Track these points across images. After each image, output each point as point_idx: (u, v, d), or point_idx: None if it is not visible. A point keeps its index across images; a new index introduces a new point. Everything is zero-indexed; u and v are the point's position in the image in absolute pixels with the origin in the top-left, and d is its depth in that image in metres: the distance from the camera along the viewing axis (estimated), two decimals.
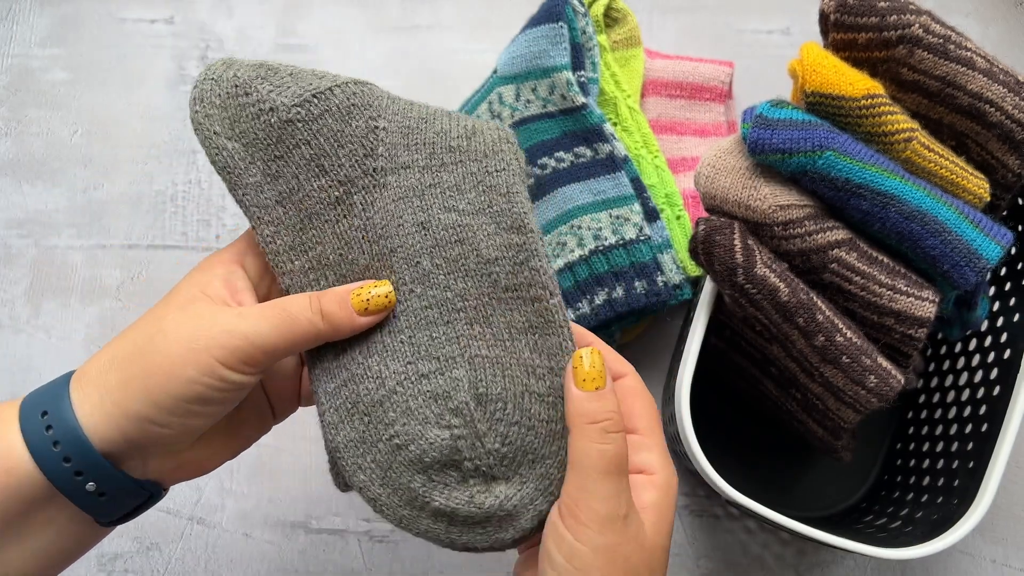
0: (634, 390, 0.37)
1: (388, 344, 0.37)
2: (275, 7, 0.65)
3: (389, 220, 0.37)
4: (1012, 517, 0.57)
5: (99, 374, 0.34)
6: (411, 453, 0.36)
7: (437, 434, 0.36)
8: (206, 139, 0.36)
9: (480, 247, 0.37)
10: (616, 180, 0.55)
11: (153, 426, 0.34)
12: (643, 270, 0.53)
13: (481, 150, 0.38)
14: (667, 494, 0.36)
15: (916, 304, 0.42)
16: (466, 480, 0.36)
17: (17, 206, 0.62)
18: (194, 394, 0.34)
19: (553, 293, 0.37)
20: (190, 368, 0.33)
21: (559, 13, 0.55)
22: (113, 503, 0.35)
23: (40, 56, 0.65)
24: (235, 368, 0.34)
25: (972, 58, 0.42)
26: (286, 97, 0.37)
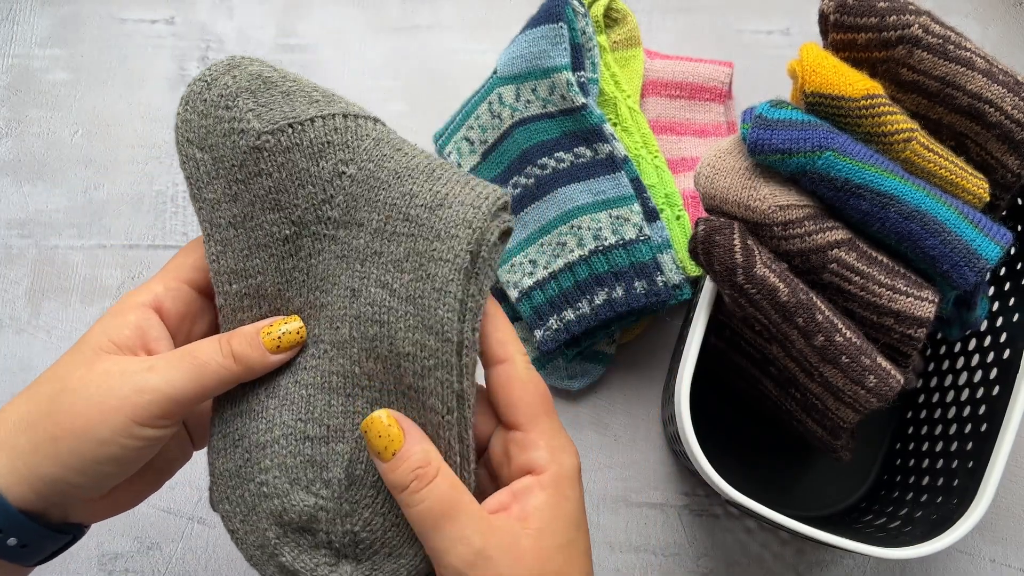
0: (509, 377, 0.35)
1: (290, 394, 0.36)
2: (275, 7, 0.66)
3: (327, 275, 0.36)
4: (1012, 517, 0.57)
5: (8, 436, 0.33)
6: (274, 505, 0.36)
7: (302, 498, 0.36)
8: (179, 143, 0.36)
9: (396, 337, 0.34)
10: (616, 180, 0.55)
11: (67, 486, 0.33)
12: (643, 270, 0.53)
13: (436, 229, 0.34)
14: (557, 489, 0.34)
15: (915, 304, 0.42)
16: (318, 548, 0.36)
17: (18, 206, 0.62)
18: (107, 455, 0.33)
19: (451, 410, 0.34)
20: (102, 429, 0.32)
21: (559, 13, 0.55)
22: (35, 551, 0.35)
23: (41, 56, 0.65)
24: (150, 424, 0.33)
25: (971, 58, 0.42)
26: (260, 122, 0.35)
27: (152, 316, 0.35)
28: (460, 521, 0.33)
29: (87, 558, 0.56)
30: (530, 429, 0.35)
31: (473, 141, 0.59)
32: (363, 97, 0.64)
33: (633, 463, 0.58)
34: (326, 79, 0.64)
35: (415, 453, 0.33)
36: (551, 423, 0.35)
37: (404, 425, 0.34)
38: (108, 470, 0.33)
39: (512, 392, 0.35)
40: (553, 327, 0.55)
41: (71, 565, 0.56)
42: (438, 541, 0.33)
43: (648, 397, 0.59)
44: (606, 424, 0.59)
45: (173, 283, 0.36)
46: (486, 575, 0.32)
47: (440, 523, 0.33)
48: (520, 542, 0.33)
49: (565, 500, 0.34)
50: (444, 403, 0.34)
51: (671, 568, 0.57)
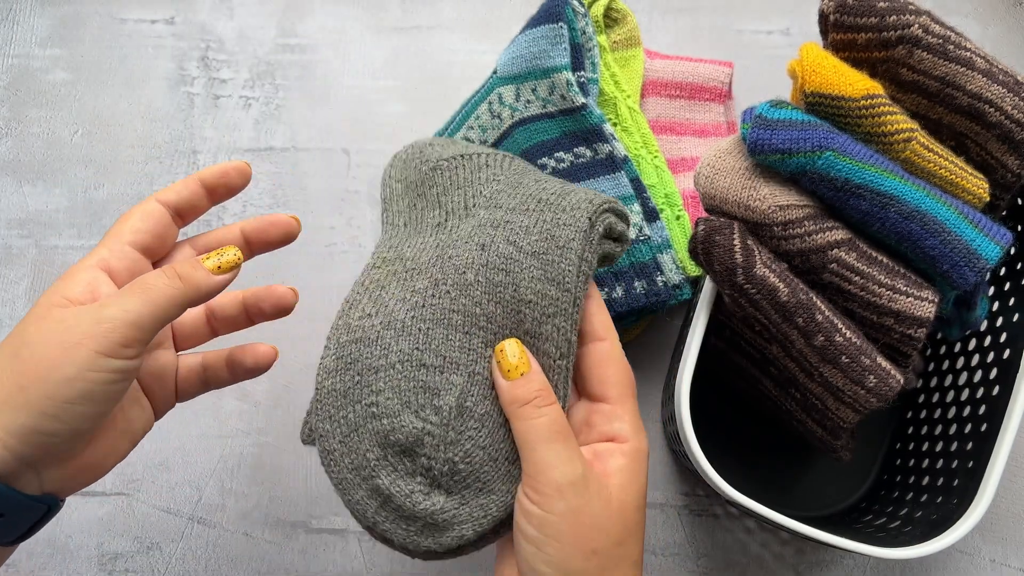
0: (608, 355, 0.39)
1: (407, 326, 0.39)
2: (275, 7, 0.66)
3: (461, 236, 0.41)
4: (1011, 517, 0.57)
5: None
6: (381, 425, 0.38)
7: (411, 420, 0.38)
8: (384, 180, 0.46)
9: (520, 285, 0.39)
10: (616, 180, 0.55)
11: (41, 436, 0.34)
12: (642, 270, 0.53)
13: (563, 206, 0.40)
14: (635, 459, 0.37)
15: (915, 304, 0.42)
16: (414, 475, 0.38)
17: (17, 206, 0.62)
18: (78, 392, 0.33)
19: (563, 355, 0.38)
20: (68, 367, 0.33)
21: (559, 13, 0.55)
22: (10, 522, 0.35)
23: (41, 56, 0.65)
24: (114, 353, 0.34)
25: (971, 58, 0.42)
26: (437, 154, 0.45)
27: (101, 275, 0.37)
28: (572, 444, 0.36)
29: (87, 558, 0.56)
30: (618, 404, 0.38)
31: (473, 141, 0.59)
32: (363, 97, 0.64)
33: None
34: (326, 79, 0.64)
35: (542, 379, 0.37)
36: (635, 405, 0.39)
37: (531, 358, 0.38)
38: (81, 409, 0.34)
39: (608, 368, 0.39)
40: None
41: (71, 565, 0.56)
42: (549, 454, 0.36)
43: (648, 397, 0.59)
44: None
45: (117, 246, 0.38)
46: (581, 500, 0.35)
47: (554, 439, 0.36)
48: (609, 489, 0.36)
49: (640, 472, 0.37)
50: (558, 348, 0.38)
51: (671, 568, 0.57)
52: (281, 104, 0.64)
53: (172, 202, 0.40)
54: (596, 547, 0.35)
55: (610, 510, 0.36)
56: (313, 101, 0.64)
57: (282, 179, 0.63)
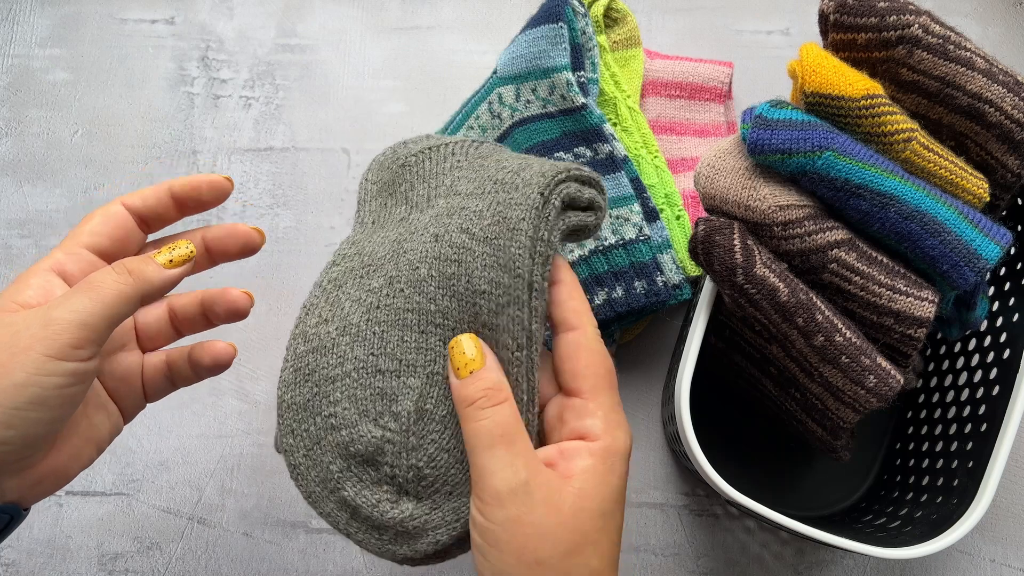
0: (579, 346, 0.36)
1: (362, 330, 0.38)
2: (275, 8, 0.66)
3: (417, 228, 0.39)
4: (1011, 517, 0.57)
5: None
6: (340, 437, 0.37)
7: (370, 430, 0.37)
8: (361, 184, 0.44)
9: (473, 275, 0.36)
10: (616, 180, 0.55)
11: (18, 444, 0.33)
12: (643, 270, 0.53)
13: (515, 182, 0.37)
14: (604, 459, 0.34)
15: (915, 304, 0.42)
16: (380, 484, 0.37)
17: (18, 206, 0.62)
18: (28, 398, 0.32)
19: (521, 347, 0.35)
20: (17, 372, 0.32)
21: (559, 14, 0.55)
22: None
23: (41, 56, 0.65)
24: (64, 356, 0.33)
25: (971, 58, 0.42)
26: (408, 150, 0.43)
27: (54, 278, 0.36)
28: (515, 449, 0.33)
29: (87, 558, 0.56)
30: (590, 398, 0.35)
31: None
32: (363, 97, 0.64)
33: (633, 463, 0.58)
34: (326, 79, 0.64)
35: (491, 377, 0.35)
36: (611, 398, 0.36)
37: (486, 352, 0.35)
38: (33, 415, 0.33)
39: (579, 360, 0.36)
40: None
41: (71, 565, 0.56)
42: (489, 460, 0.33)
43: (648, 397, 0.59)
44: None
45: (73, 248, 0.37)
46: (522, 509, 0.33)
47: (496, 443, 0.34)
48: (561, 494, 0.33)
49: (611, 472, 0.34)
50: (515, 339, 0.35)
51: (671, 568, 0.57)
52: (281, 104, 0.64)
53: (137, 207, 0.39)
54: (540, 557, 0.33)
55: (560, 518, 0.33)
56: (313, 101, 0.64)
57: (282, 179, 0.63)
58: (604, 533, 0.34)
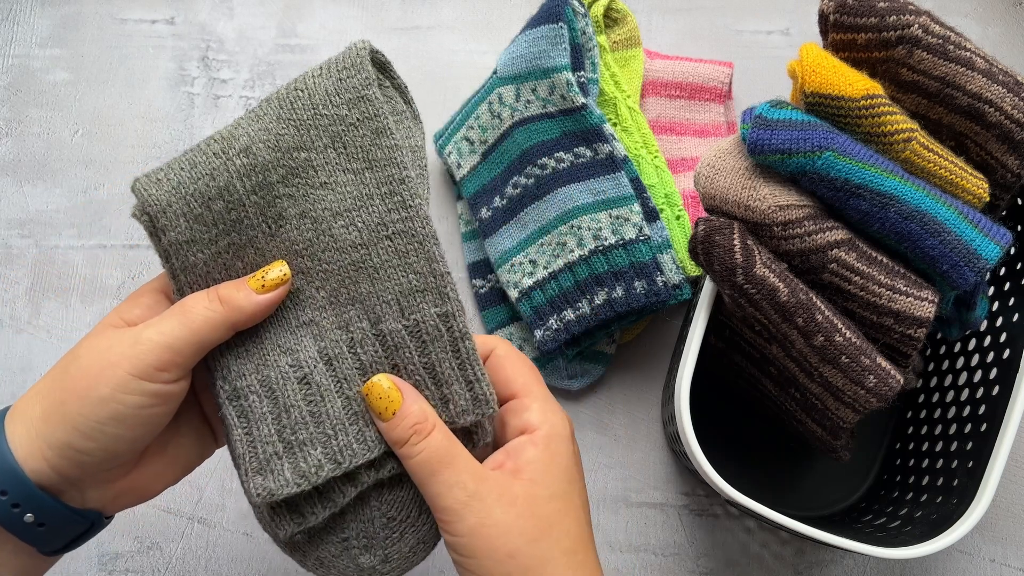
0: (504, 358, 0.39)
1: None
2: (275, 8, 0.66)
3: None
4: (1011, 516, 0.57)
5: (25, 408, 0.34)
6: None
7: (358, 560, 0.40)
8: None
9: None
10: (616, 180, 0.55)
11: (75, 453, 0.33)
12: (643, 270, 0.53)
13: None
14: (547, 445, 0.37)
15: (915, 304, 0.42)
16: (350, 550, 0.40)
17: (18, 206, 0.62)
18: (108, 413, 0.33)
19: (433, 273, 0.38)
20: (103, 386, 0.33)
21: (559, 14, 0.55)
22: (53, 533, 0.35)
23: (41, 56, 0.65)
24: (148, 377, 0.33)
25: (971, 58, 0.42)
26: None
27: (162, 298, 0.37)
28: (456, 467, 0.35)
29: (87, 558, 0.56)
30: (523, 395, 0.38)
31: (473, 141, 0.60)
32: None
33: (633, 463, 0.58)
34: None
35: (413, 412, 0.36)
36: (542, 391, 0.39)
37: (401, 387, 0.37)
38: (112, 431, 0.33)
39: (504, 369, 0.39)
40: (553, 327, 0.55)
41: (71, 565, 0.56)
42: (435, 486, 0.35)
43: (648, 397, 0.59)
44: (606, 424, 0.59)
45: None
46: (480, 515, 0.35)
47: (437, 469, 0.35)
48: (513, 489, 0.35)
49: (556, 455, 0.37)
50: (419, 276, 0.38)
51: (671, 568, 0.57)
52: None
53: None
54: (510, 551, 0.35)
55: (517, 510, 0.35)
56: None
57: None
58: (565, 514, 0.36)
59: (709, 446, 0.44)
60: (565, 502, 0.36)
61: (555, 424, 0.37)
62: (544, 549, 0.35)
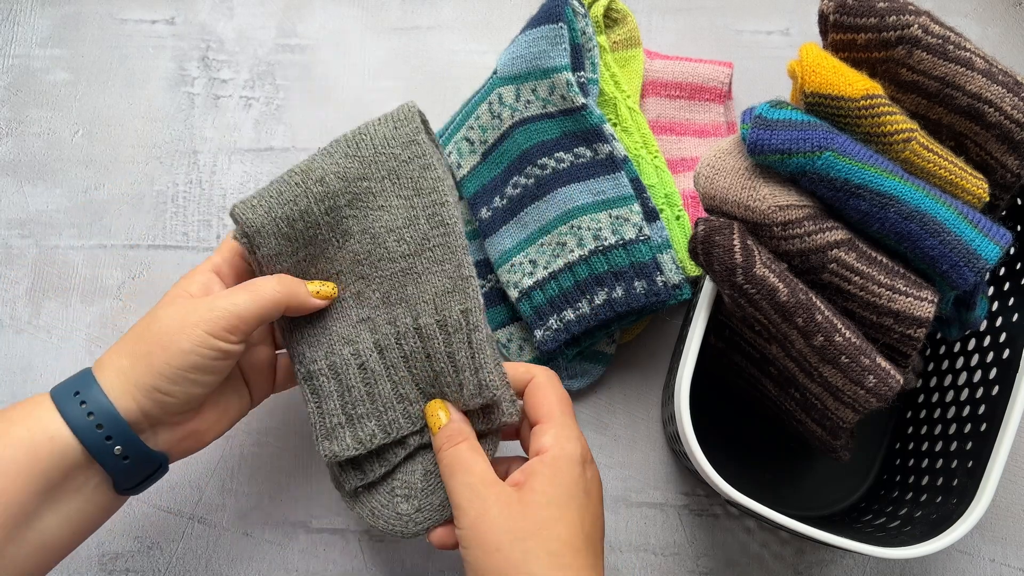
0: (540, 386, 0.46)
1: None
2: (275, 8, 0.66)
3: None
4: (1011, 516, 0.57)
5: (113, 360, 0.42)
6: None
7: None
8: None
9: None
10: (616, 180, 0.55)
11: (160, 395, 0.41)
12: (642, 270, 0.54)
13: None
14: (553, 464, 0.42)
15: (915, 304, 0.42)
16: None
17: (18, 206, 0.62)
18: (190, 363, 0.41)
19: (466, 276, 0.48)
20: (184, 341, 0.41)
21: (559, 14, 0.55)
22: (132, 468, 0.42)
23: (41, 57, 0.65)
24: (220, 336, 0.42)
25: (971, 58, 0.42)
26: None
27: (215, 278, 0.46)
28: (471, 472, 0.43)
29: (87, 557, 0.56)
30: (544, 422, 0.44)
31: (473, 141, 0.60)
32: (363, 97, 0.64)
33: (633, 463, 0.58)
34: (326, 79, 0.64)
35: (450, 429, 0.45)
36: (564, 418, 0.44)
37: (451, 411, 0.46)
38: (192, 376, 0.42)
39: (536, 396, 0.45)
40: (553, 327, 0.55)
41: (71, 565, 0.56)
42: (452, 484, 0.43)
43: (648, 397, 0.59)
44: (606, 424, 0.59)
45: (228, 255, 0.47)
46: (479, 512, 0.41)
47: (456, 471, 0.43)
48: (513, 495, 0.42)
49: (559, 472, 0.42)
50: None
51: (671, 568, 0.57)
52: (281, 104, 0.64)
53: None
54: (497, 545, 0.40)
55: (511, 511, 0.41)
56: (313, 101, 0.64)
57: None
58: (558, 520, 0.41)
59: (709, 446, 0.44)
60: (561, 511, 0.41)
61: (565, 447, 0.43)
62: (527, 549, 0.40)
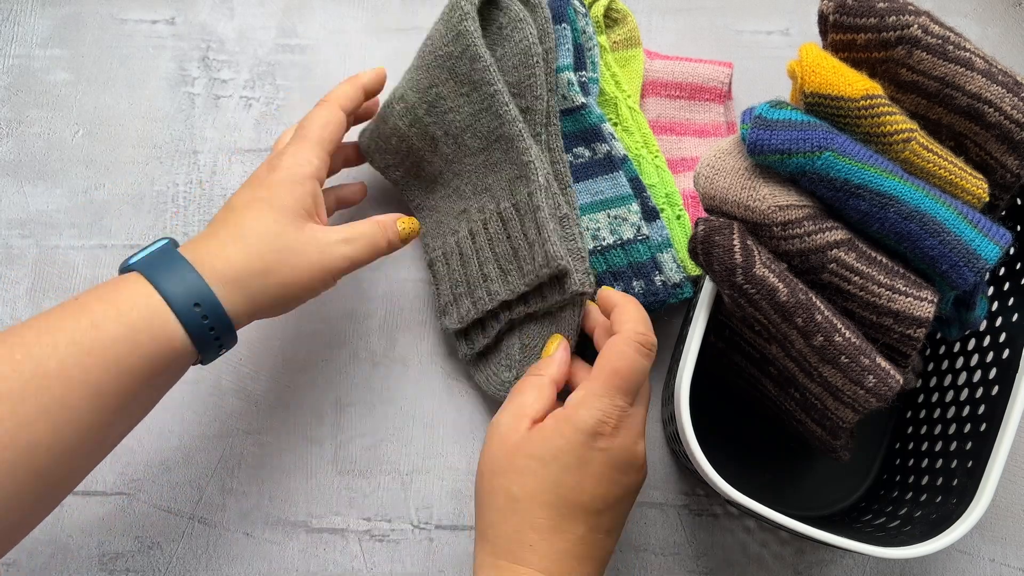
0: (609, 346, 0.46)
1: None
2: (276, 8, 0.66)
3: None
4: (1011, 516, 0.57)
5: (241, 277, 0.44)
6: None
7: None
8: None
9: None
10: (614, 180, 0.55)
11: (263, 312, 0.45)
12: (640, 270, 0.54)
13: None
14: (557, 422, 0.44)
15: (915, 304, 0.42)
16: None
17: (18, 206, 0.62)
18: (306, 298, 0.47)
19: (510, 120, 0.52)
20: (318, 284, 0.47)
21: (561, 14, 0.55)
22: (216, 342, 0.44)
23: (41, 57, 0.65)
24: (334, 279, 0.48)
25: (971, 59, 0.42)
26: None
27: (317, 187, 0.48)
28: (513, 402, 0.46)
29: (87, 557, 0.56)
30: (588, 382, 0.45)
31: None
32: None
33: None
34: (326, 80, 0.64)
35: (543, 362, 0.49)
36: (600, 386, 0.44)
37: (559, 351, 0.50)
38: (296, 305, 0.47)
39: (602, 356, 0.45)
40: None
41: (72, 565, 0.56)
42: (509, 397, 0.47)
43: None
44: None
45: (323, 155, 0.49)
46: (491, 438, 0.45)
47: (515, 393, 0.47)
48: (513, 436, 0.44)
49: (556, 432, 0.44)
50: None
51: (671, 567, 0.57)
52: (282, 104, 0.64)
53: (349, 108, 0.52)
54: (482, 471, 0.45)
55: (503, 449, 0.44)
56: (313, 101, 0.64)
57: None
58: (531, 473, 0.43)
59: (709, 446, 0.44)
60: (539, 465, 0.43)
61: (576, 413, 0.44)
62: (495, 485, 0.44)
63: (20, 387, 0.37)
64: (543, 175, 0.51)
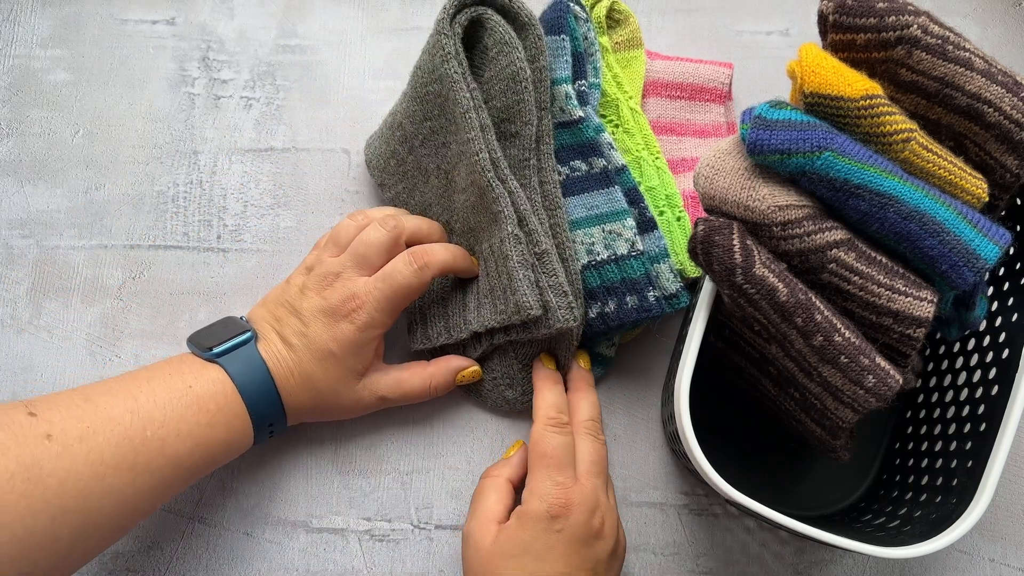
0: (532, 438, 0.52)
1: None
2: (276, 8, 0.66)
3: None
4: (1010, 516, 0.57)
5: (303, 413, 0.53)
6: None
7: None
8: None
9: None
10: (609, 195, 0.55)
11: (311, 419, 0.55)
12: (634, 286, 0.53)
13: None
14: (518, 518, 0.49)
15: (914, 304, 0.42)
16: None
17: (19, 206, 0.62)
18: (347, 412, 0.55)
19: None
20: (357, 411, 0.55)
21: (560, 26, 0.55)
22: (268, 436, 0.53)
23: (42, 57, 0.65)
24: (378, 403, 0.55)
25: (970, 59, 0.42)
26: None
27: (381, 339, 0.54)
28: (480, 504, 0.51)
29: None
30: (528, 475, 0.51)
31: None
32: (363, 98, 0.64)
33: (633, 463, 0.58)
34: (326, 80, 0.64)
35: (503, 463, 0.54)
36: (540, 473, 0.50)
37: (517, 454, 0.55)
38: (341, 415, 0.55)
39: (528, 446, 0.53)
40: None
41: None
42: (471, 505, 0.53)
43: (648, 397, 0.59)
44: (606, 424, 0.59)
45: (397, 315, 0.53)
46: (466, 549, 0.50)
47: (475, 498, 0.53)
48: (485, 540, 0.49)
49: (519, 527, 0.48)
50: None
51: (671, 567, 0.57)
52: (282, 104, 0.64)
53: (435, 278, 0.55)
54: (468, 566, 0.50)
55: (479, 556, 0.48)
56: (313, 101, 0.64)
57: (282, 179, 0.63)
58: (509, 572, 0.47)
59: (709, 446, 0.44)
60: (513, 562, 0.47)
61: (529, 505, 0.49)
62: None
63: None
64: (512, 224, 0.51)
